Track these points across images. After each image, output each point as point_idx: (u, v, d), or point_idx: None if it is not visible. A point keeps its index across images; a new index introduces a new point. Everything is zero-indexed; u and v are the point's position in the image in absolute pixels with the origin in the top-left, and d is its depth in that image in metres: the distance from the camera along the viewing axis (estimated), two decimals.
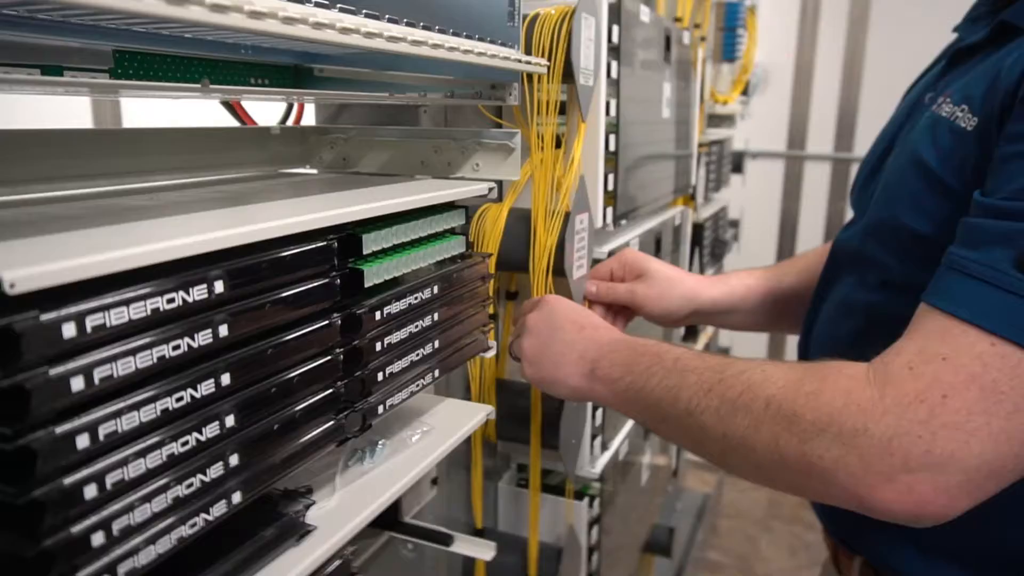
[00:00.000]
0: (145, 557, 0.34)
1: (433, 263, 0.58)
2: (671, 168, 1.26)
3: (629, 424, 1.14)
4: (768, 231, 2.96)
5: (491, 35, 0.59)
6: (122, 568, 0.33)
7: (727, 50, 1.66)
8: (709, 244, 1.73)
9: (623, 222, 0.97)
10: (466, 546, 0.74)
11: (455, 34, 0.54)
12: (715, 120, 1.75)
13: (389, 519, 0.76)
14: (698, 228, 1.56)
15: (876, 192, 0.66)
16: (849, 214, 0.76)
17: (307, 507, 0.48)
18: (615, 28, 0.85)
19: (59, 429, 0.30)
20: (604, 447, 1.01)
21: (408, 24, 0.48)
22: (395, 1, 0.47)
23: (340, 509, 0.52)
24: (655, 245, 1.18)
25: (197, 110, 1.07)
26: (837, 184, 2.69)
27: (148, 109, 1.09)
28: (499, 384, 0.89)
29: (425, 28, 0.50)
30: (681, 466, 1.91)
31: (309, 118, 0.81)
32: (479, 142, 0.67)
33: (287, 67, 0.65)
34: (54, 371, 0.29)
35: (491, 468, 1.01)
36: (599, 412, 0.97)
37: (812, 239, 2.81)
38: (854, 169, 2.68)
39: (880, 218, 0.63)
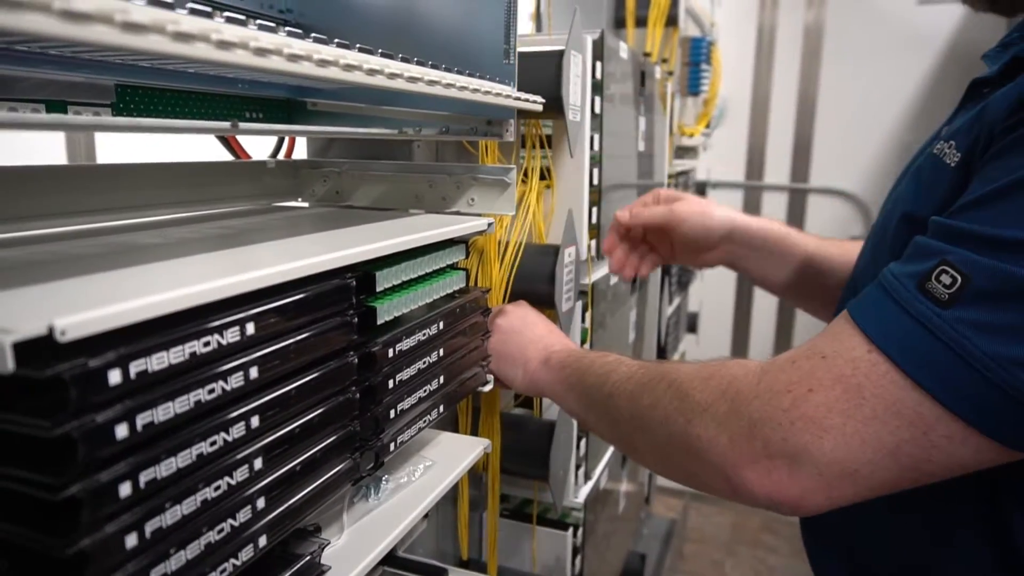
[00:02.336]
0: None
1: (437, 298, 0.59)
2: None
3: (609, 452, 1.15)
4: None
5: (489, 73, 0.61)
6: None
7: (692, 84, 1.71)
8: (676, 272, 1.77)
9: None
10: None
11: (458, 72, 0.55)
12: (680, 152, 1.79)
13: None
14: None
15: (864, 249, 0.65)
16: None
17: (322, 548, 0.47)
18: (598, 64, 0.87)
19: (103, 478, 0.29)
20: (587, 477, 1.02)
21: (418, 63, 0.49)
22: (406, 43, 0.48)
23: (349, 548, 0.51)
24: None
25: (174, 144, 1.05)
26: (794, 213, 2.77)
27: (122, 143, 1.06)
28: None
29: (433, 67, 0.51)
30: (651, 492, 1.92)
31: (300, 151, 0.81)
32: (475, 177, 0.68)
33: (280, 101, 0.65)
34: (100, 418, 0.29)
35: (476, 498, 1.01)
36: (583, 442, 0.98)
37: None
38: (810, 199, 2.77)
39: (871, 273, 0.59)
